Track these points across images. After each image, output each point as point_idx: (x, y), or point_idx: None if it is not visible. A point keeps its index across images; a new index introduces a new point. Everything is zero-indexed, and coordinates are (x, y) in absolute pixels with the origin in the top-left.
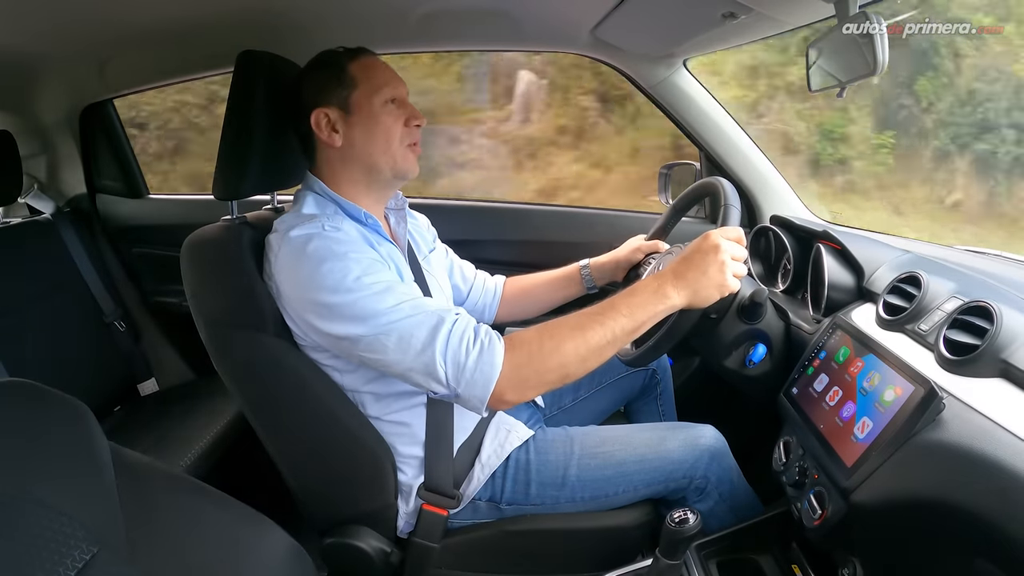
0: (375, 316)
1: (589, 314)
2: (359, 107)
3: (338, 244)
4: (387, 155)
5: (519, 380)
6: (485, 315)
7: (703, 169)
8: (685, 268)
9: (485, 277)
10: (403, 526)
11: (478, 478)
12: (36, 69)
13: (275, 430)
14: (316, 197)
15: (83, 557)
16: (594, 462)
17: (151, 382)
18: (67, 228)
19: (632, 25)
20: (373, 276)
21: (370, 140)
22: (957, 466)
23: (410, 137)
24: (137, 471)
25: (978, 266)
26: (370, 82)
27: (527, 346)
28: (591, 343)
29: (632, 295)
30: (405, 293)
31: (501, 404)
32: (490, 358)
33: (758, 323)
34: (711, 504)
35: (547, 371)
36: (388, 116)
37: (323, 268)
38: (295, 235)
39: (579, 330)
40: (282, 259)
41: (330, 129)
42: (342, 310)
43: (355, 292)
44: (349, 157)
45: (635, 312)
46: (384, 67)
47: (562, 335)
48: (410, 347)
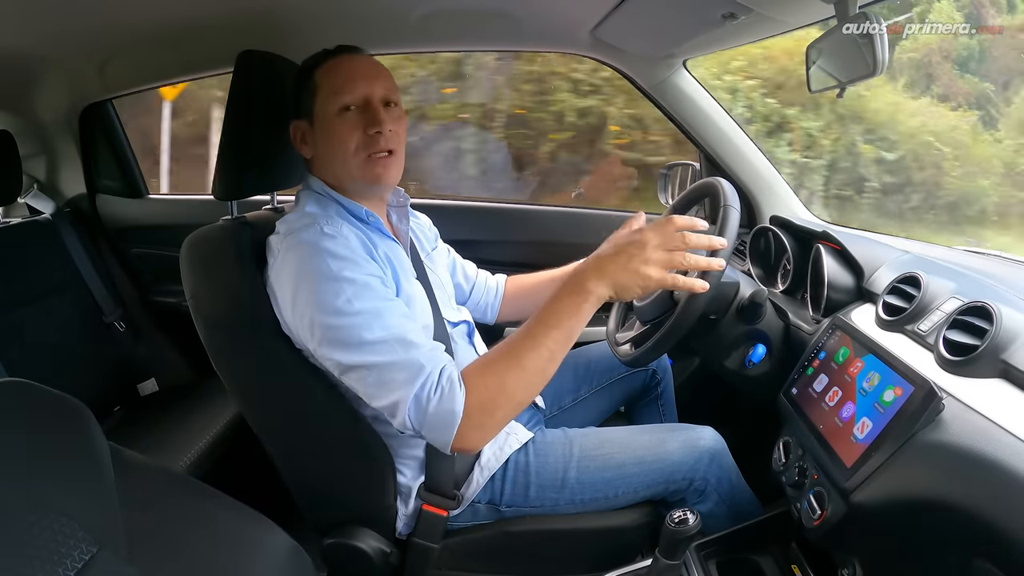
0: (360, 346)
1: (520, 339)
2: (318, 117)
3: (333, 259)
4: (344, 167)
5: (477, 421)
6: (487, 314)
7: (703, 169)
8: (606, 260)
9: (487, 276)
10: (403, 527)
11: (477, 481)
12: (36, 69)
13: (274, 430)
14: (317, 197)
15: (83, 557)
16: (593, 464)
17: (151, 382)
18: (67, 228)
19: (632, 25)
20: (365, 300)
21: (328, 151)
22: (957, 466)
23: (369, 147)
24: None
25: (978, 266)
26: (326, 88)
27: (477, 392)
28: (530, 367)
29: (556, 303)
30: (395, 322)
31: (466, 448)
32: (450, 405)
33: (758, 323)
34: (711, 505)
35: (498, 409)
36: (342, 126)
37: (316, 286)
38: (293, 241)
39: (515, 359)
40: (279, 265)
41: (301, 141)
42: (330, 333)
43: (345, 316)
44: (319, 168)
45: (563, 320)
46: (348, 69)
47: (501, 371)
48: (386, 386)
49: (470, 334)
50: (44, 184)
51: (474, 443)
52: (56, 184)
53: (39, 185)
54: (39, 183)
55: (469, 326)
